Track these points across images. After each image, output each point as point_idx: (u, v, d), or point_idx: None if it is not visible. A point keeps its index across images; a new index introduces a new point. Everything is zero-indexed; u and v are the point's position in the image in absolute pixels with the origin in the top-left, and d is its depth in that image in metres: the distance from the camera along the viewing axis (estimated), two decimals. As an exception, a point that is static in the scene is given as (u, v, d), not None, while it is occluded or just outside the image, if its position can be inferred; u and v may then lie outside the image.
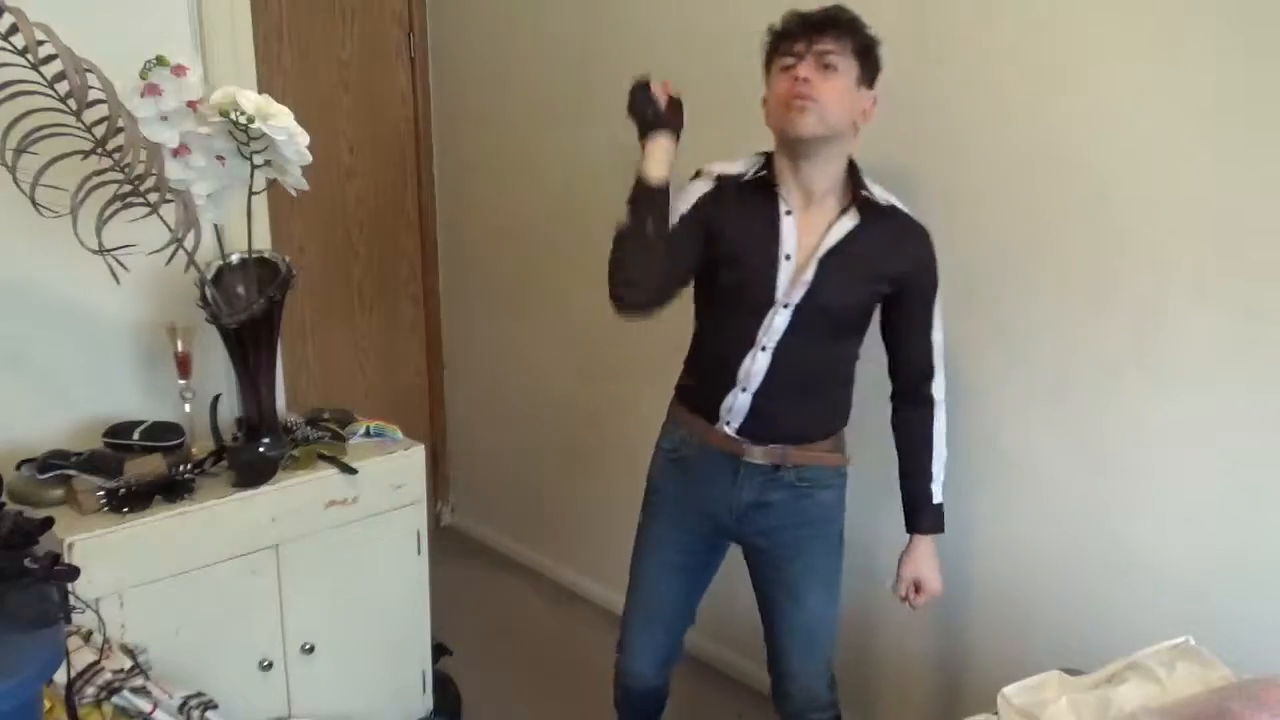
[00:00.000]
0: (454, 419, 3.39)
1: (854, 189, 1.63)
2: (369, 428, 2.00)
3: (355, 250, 3.07)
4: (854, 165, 1.65)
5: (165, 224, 1.55)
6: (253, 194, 1.62)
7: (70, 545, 1.53)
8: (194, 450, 1.81)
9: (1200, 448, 1.68)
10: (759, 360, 1.64)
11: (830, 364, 1.70)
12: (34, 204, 1.43)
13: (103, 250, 1.49)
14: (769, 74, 1.61)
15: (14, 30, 1.31)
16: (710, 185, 1.68)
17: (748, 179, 1.66)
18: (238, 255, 1.72)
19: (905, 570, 1.77)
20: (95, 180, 1.47)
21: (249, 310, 1.69)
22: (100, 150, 1.44)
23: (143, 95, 1.47)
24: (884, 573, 2.23)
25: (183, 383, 1.83)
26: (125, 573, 1.59)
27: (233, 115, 1.46)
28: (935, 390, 1.72)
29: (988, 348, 1.92)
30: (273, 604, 1.80)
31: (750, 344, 1.64)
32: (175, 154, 1.53)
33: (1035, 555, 1.92)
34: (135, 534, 1.60)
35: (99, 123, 1.42)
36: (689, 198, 1.66)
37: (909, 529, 1.77)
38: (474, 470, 3.36)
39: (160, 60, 1.47)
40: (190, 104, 1.51)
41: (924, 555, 1.76)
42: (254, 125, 1.47)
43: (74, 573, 1.33)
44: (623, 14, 2.48)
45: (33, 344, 1.80)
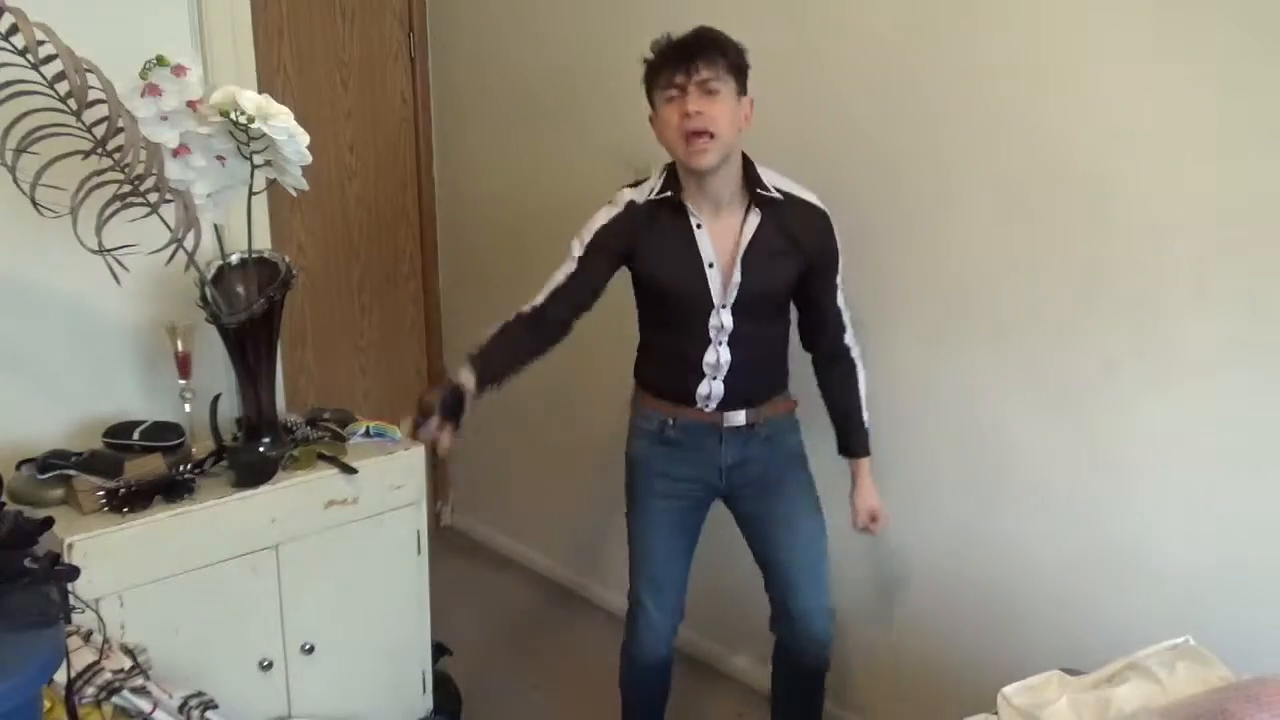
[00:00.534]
0: (454, 419, 3.38)
1: (751, 188, 1.75)
2: (369, 428, 2.00)
3: (355, 250, 3.07)
4: (747, 161, 1.76)
5: (165, 224, 1.55)
6: (253, 194, 1.61)
7: (70, 545, 1.53)
8: (194, 450, 1.81)
9: (1200, 447, 1.69)
10: (722, 353, 1.79)
11: (778, 334, 1.89)
12: (34, 204, 1.43)
13: (103, 250, 1.49)
14: (652, 100, 1.72)
15: (14, 30, 1.31)
16: (620, 209, 1.80)
17: (654, 198, 1.77)
18: (238, 255, 1.72)
19: (860, 503, 1.95)
20: (95, 180, 1.47)
21: (249, 310, 1.69)
22: (100, 150, 1.44)
23: (143, 95, 1.47)
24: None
25: (183, 383, 1.83)
26: (125, 573, 1.59)
27: (233, 115, 1.46)
28: (849, 340, 1.91)
29: (987, 347, 1.93)
30: (273, 604, 1.80)
31: (707, 341, 1.79)
32: (175, 154, 1.53)
33: (1035, 555, 1.93)
34: (135, 534, 1.60)
35: (99, 123, 1.41)
36: (594, 225, 1.80)
37: (851, 455, 1.95)
38: (474, 470, 3.36)
39: (160, 60, 1.47)
40: (190, 104, 1.50)
41: (870, 484, 1.95)
42: (254, 125, 1.46)
43: (74, 573, 1.33)
44: (622, 14, 2.47)
45: (33, 344, 1.80)
